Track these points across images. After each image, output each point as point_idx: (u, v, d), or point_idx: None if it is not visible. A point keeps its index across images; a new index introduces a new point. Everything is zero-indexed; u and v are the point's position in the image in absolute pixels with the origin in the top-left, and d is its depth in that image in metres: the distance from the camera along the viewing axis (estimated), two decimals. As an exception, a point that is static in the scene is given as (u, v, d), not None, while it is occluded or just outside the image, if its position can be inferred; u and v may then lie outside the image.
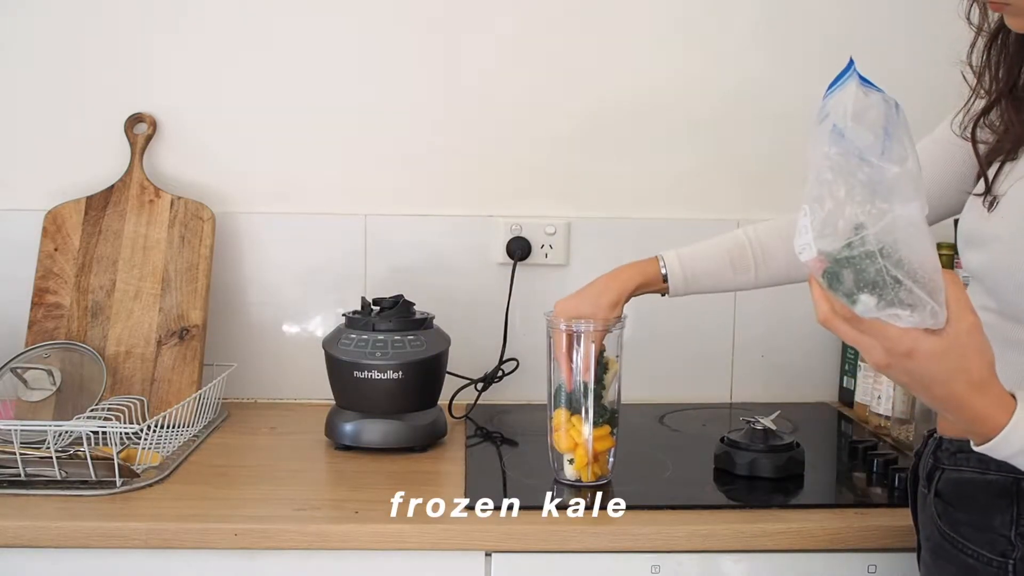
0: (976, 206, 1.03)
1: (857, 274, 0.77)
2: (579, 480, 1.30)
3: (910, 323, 0.78)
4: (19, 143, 1.72)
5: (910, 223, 0.77)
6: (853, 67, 0.79)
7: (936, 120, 1.16)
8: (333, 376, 1.48)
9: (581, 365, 1.28)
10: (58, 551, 1.19)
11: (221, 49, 1.71)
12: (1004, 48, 1.03)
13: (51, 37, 1.69)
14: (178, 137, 1.72)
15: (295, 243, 1.73)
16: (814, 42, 1.73)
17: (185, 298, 1.63)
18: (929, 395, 0.84)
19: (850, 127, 0.77)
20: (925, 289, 0.77)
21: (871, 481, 1.36)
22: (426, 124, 1.74)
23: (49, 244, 1.65)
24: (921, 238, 0.77)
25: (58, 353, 1.56)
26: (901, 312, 0.78)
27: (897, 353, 0.80)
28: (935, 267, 0.78)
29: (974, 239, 1.03)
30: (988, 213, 1.00)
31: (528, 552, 1.19)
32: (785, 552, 1.20)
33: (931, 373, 0.81)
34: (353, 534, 1.19)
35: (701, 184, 1.76)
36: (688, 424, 1.65)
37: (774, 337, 1.77)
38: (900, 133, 0.77)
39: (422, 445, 1.46)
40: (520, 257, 1.72)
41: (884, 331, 0.80)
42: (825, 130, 0.78)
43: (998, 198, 0.99)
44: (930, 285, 0.77)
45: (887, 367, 0.82)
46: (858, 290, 0.78)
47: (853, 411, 1.68)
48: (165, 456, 1.39)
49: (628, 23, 1.73)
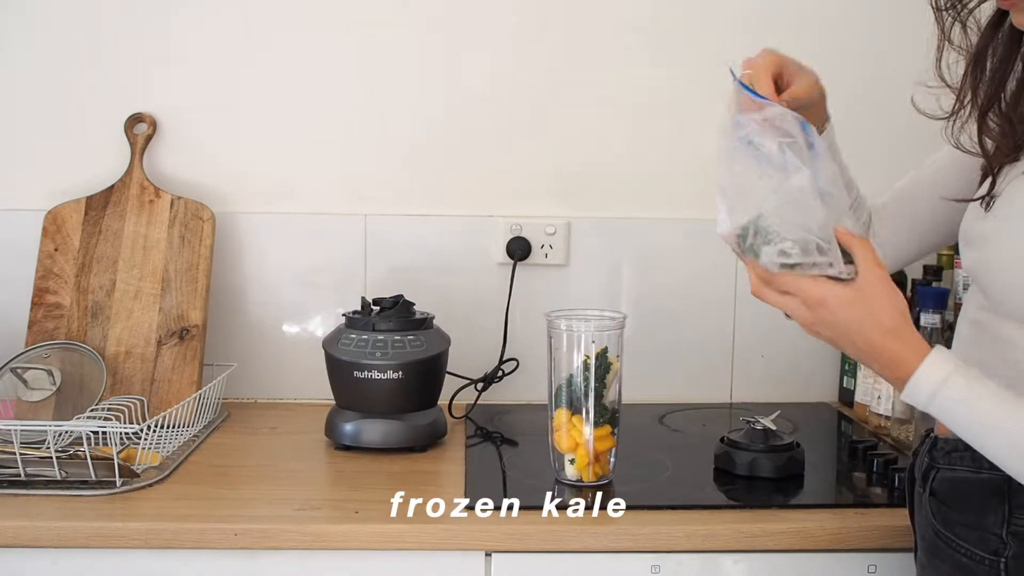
0: (975, 206, 1.04)
1: (760, 234, 0.93)
2: (580, 480, 1.31)
3: (799, 259, 0.92)
4: (19, 143, 1.72)
5: (799, 189, 0.92)
6: (733, 76, 1.02)
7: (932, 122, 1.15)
8: (333, 376, 1.48)
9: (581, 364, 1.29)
10: (58, 551, 1.19)
11: (221, 49, 1.71)
12: (988, 64, 1.03)
13: (51, 37, 1.70)
14: (178, 137, 1.72)
15: (295, 243, 1.73)
16: (814, 42, 1.73)
17: (185, 298, 1.63)
18: (851, 344, 0.93)
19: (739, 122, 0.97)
20: (816, 244, 0.91)
21: (871, 481, 1.36)
22: (426, 124, 1.74)
23: (49, 244, 1.65)
24: (809, 201, 0.92)
25: (58, 353, 1.56)
26: (788, 249, 0.92)
27: (812, 303, 0.92)
28: (824, 225, 0.91)
29: (970, 238, 1.04)
30: (984, 212, 1.01)
31: (528, 552, 1.19)
32: (785, 552, 1.20)
33: (846, 320, 0.92)
34: (353, 534, 1.19)
35: (701, 184, 1.75)
36: (688, 424, 1.65)
37: (774, 337, 1.77)
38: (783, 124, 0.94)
39: (422, 445, 1.46)
40: (520, 257, 1.72)
41: (798, 284, 0.92)
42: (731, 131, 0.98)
43: (995, 197, 1.00)
44: (823, 240, 0.91)
45: (812, 323, 0.93)
46: (762, 245, 0.93)
47: (853, 411, 1.68)
48: (165, 456, 1.39)
49: (628, 23, 1.73)
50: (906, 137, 1.26)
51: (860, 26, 1.74)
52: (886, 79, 1.57)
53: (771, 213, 0.93)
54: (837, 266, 0.92)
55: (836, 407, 1.75)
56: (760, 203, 0.94)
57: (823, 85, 1.11)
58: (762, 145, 0.95)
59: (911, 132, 1.25)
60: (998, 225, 0.99)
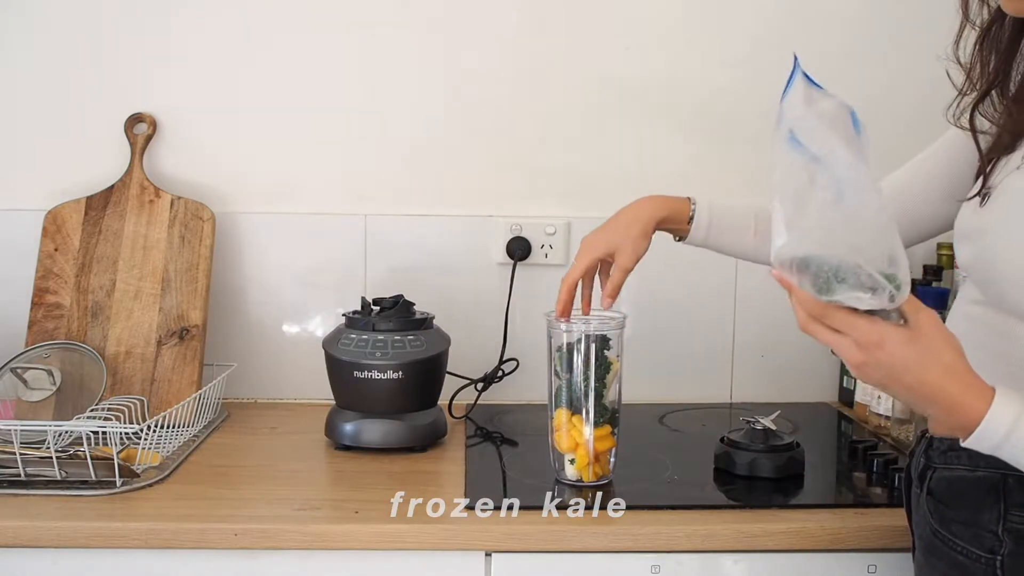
0: (971, 201, 1.03)
1: (820, 261, 0.83)
2: (580, 480, 1.30)
3: (870, 305, 0.83)
4: (19, 143, 1.72)
5: (869, 210, 0.82)
6: (797, 65, 0.87)
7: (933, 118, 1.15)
8: (333, 376, 1.48)
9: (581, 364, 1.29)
10: (58, 551, 1.19)
11: (221, 49, 1.71)
12: (996, 41, 1.03)
13: (51, 37, 1.70)
14: (178, 137, 1.72)
15: (295, 243, 1.73)
16: (817, 40, 1.73)
17: (185, 298, 1.63)
18: (905, 388, 0.87)
19: (802, 129, 0.83)
20: (884, 274, 0.82)
21: (871, 481, 1.36)
22: (426, 124, 1.74)
23: (49, 244, 1.65)
24: (879, 226, 0.83)
25: (58, 353, 1.56)
26: (862, 295, 0.83)
27: (868, 345, 0.85)
28: (893, 254, 0.83)
29: (966, 233, 1.03)
30: (980, 207, 1.01)
31: (528, 552, 1.19)
32: (785, 552, 1.20)
33: (903, 362, 0.85)
34: (353, 534, 1.19)
35: (701, 184, 1.75)
36: (688, 424, 1.65)
37: (774, 337, 1.77)
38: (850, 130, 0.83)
39: (422, 445, 1.46)
40: (520, 257, 1.72)
41: (854, 324, 0.85)
42: (782, 133, 0.84)
43: (990, 190, 1.00)
44: (889, 270, 0.83)
45: (863, 364, 0.86)
46: (819, 276, 0.84)
47: (853, 411, 1.68)
48: (165, 456, 1.39)
49: (629, 22, 1.73)
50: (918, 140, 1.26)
51: (861, 26, 1.75)
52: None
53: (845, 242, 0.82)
54: (895, 301, 0.84)
55: (836, 407, 1.75)
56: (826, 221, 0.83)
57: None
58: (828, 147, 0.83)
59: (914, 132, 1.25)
60: (997, 217, 0.98)
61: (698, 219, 1.32)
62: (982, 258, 0.99)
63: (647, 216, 1.31)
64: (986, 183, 1.01)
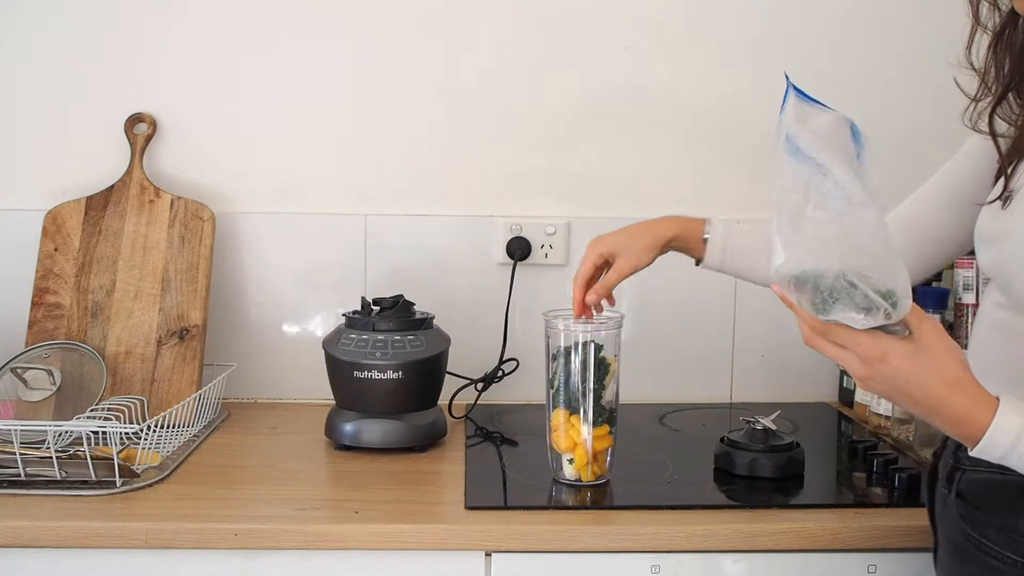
0: (991, 204, 1.03)
1: (816, 280, 0.84)
2: (579, 480, 1.30)
3: (864, 325, 0.84)
4: (19, 143, 1.72)
5: (865, 226, 0.83)
6: (789, 83, 0.88)
7: (937, 120, 1.15)
8: (333, 376, 1.48)
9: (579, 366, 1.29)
10: (58, 551, 1.19)
11: (221, 49, 1.71)
12: (1010, 43, 1.03)
13: (51, 37, 1.70)
14: (178, 137, 1.72)
15: (295, 243, 1.73)
16: (816, 43, 1.73)
17: (185, 298, 1.63)
18: (910, 400, 0.87)
19: (797, 147, 0.84)
20: (879, 292, 0.83)
21: (871, 481, 1.36)
22: (426, 124, 1.74)
23: (49, 244, 1.65)
24: (876, 241, 0.83)
25: (58, 353, 1.56)
26: (855, 315, 0.84)
27: (871, 359, 0.86)
28: (891, 270, 0.83)
29: (988, 236, 1.03)
30: (1002, 210, 1.00)
31: (528, 552, 1.19)
32: (785, 552, 1.20)
33: (907, 374, 0.86)
34: (353, 534, 1.19)
35: (701, 184, 1.76)
36: (688, 424, 1.65)
37: (774, 337, 1.77)
38: (848, 144, 0.84)
39: (422, 445, 1.46)
40: (520, 257, 1.72)
41: (856, 340, 0.86)
42: (779, 151, 0.85)
43: (1012, 194, 0.99)
44: (885, 287, 0.83)
45: (868, 378, 0.87)
46: (816, 295, 0.84)
47: (853, 411, 1.68)
48: (165, 456, 1.39)
49: (629, 23, 1.73)
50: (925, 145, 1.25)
51: (860, 27, 1.75)
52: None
53: (839, 261, 0.83)
54: (892, 318, 0.85)
55: (836, 407, 1.75)
56: (821, 240, 0.83)
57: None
58: (822, 164, 0.84)
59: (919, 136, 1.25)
60: (1019, 219, 0.97)
61: (712, 240, 1.31)
62: (1004, 261, 0.99)
63: (659, 231, 1.31)
64: (1007, 186, 1.00)
